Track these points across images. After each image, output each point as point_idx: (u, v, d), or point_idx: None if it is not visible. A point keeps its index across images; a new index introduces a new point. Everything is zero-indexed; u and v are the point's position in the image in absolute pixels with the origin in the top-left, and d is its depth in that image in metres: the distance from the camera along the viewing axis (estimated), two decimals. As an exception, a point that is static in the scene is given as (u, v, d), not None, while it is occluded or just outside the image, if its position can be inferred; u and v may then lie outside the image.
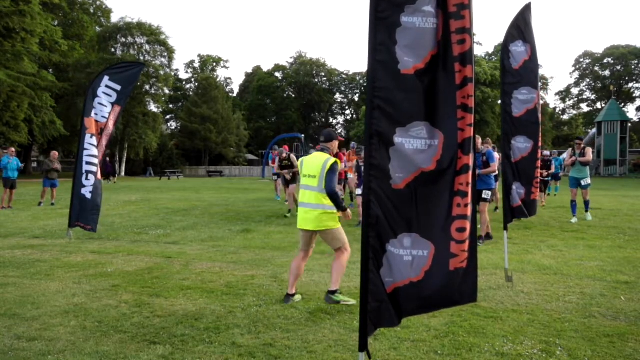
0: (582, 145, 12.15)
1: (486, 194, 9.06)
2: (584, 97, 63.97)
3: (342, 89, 72.51)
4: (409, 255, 2.97)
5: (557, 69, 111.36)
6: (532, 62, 6.33)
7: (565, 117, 66.00)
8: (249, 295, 5.56)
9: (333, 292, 5.10)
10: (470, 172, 2.93)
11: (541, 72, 63.60)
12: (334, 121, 74.74)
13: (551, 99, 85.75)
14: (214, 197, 19.77)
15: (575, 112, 64.99)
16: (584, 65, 62.95)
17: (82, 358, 3.85)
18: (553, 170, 16.90)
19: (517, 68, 6.28)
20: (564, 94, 65.14)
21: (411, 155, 2.88)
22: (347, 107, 73.02)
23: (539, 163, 6.55)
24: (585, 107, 63.52)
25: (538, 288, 5.77)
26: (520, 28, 6.33)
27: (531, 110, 6.35)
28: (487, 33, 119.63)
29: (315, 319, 4.73)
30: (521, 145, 6.32)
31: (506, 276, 6.00)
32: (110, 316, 4.82)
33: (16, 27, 33.52)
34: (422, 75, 2.83)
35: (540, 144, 6.51)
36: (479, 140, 9.23)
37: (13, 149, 16.17)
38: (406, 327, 4.43)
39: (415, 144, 2.88)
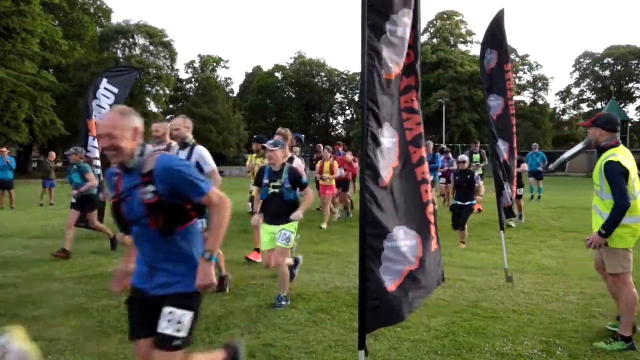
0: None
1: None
2: (584, 97, 63.91)
3: (342, 89, 72.40)
4: (404, 245, 3.18)
5: (557, 69, 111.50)
6: (498, 69, 6.44)
7: (566, 117, 65.98)
8: (249, 295, 5.56)
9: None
10: (427, 162, 3.47)
11: (541, 72, 63.70)
12: (334, 121, 74.71)
13: (551, 99, 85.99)
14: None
15: (575, 112, 64.94)
16: (584, 65, 62.89)
17: (83, 358, 3.86)
18: (526, 168, 13.01)
19: (488, 73, 6.43)
20: (564, 94, 65.06)
21: (387, 153, 3.18)
22: (347, 107, 72.95)
23: (516, 163, 6.82)
24: (585, 107, 63.41)
25: (538, 288, 5.78)
26: (493, 34, 6.40)
27: (500, 115, 6.47)
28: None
29: (315, 319, 4.73)
30: (502, 146, 6.42)
31: (506, 276, 6.01)
32: (110, 316, 4.83)
33: (16, 27, 33.49)
34: (398, 80, 3.24)
35: (514, 145, 6.66)
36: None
37: (5, 149, 15.93)
38: (406, 327, 4.43)
39: (387, 143, 3.21)
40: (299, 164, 6.49)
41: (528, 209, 14.11)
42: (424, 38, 60.58)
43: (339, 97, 73.30)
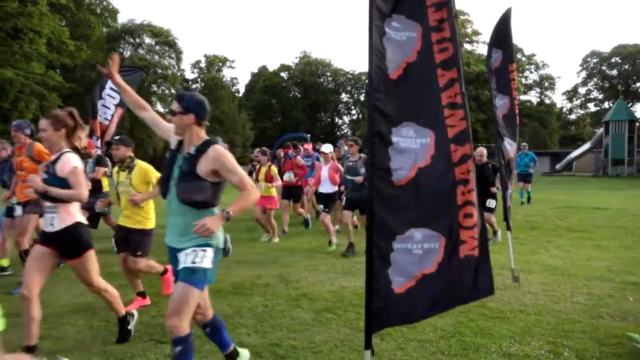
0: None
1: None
2: (592, 96, 63.51)
3: (348, 88, 72.40)
4: (419, 248, 3.06)
5: (564, 69, 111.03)
6: (503, 69, 6.42)
7: (572, 116, 65.64)
8: (255, 295, 5.57)
9: None
10: (470, 161, 3.19)
11: (547, 71, 63.42)
12: (340, 121, 74.68)
13: (558, 99, 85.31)
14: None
15: (582, 111, 64.61)
16: (591, 65, 62.51)
17: (90, 357, 3.87)
18: (515, 170, 11.11)
19: (494, 72, 6.43)
20: (571, 94, 64.69)
21: (406, 153, 3.09)
22: (352, 107, 72.92)
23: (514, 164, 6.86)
24: (592, 107, 63.07)
25: (545, 288, 5.75)
26: (499, 33, 6.39)
27: (505, 115, 6.46)
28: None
29: (322, 319, 4.73)
30: (509, 146, 6.42)
31: (513, 276, 5.98)
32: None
33: (24, 27, 33.72)
34: (402, 80, 3.11)
35: (523, 148, 6.70)
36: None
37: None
38: (412, 327, 4.42)
39: (407, 143, 3.10)
40: None
41: (534, 209, 14.06)
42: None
43: (344, 97, 73.26)
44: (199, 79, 62.82)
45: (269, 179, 8.97)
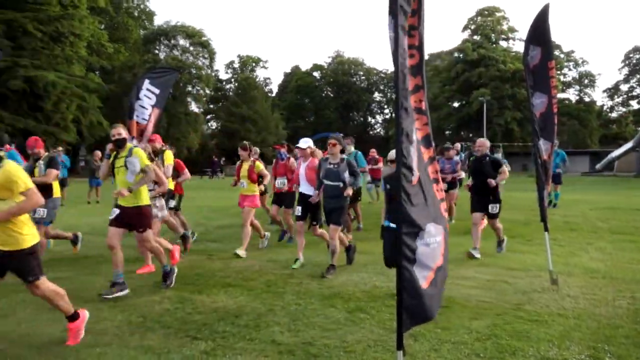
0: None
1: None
2: (634, 93, 61.22)
3: (381, 87, 72.10)
4: (434, 242, 3.26)
5: (605, 66, 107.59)
6: (542, 66, 6.24)
7: (614, 114, 63.52)
8: (288, 293, 5.60)
9: None
10: (436, 162, 3.51)
11: (588, 68, 61.67)
12: (372, 120, 74.42)
13: (598, 96, 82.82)
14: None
15: (624, 109, 62.43)
16: (634, 61, 60.28)
17: (128, 351, 3.96)
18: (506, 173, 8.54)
19: (531, 70, 6.25)
20: (612, 91, 62.57)
21: (417, 150, 3.26)
22: (385, 106, 72.56)
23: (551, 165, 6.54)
24: (635, 104, 60.87)
25: (585, 292, 5.58)
26: (537, 30, 6.22)
27: (543, 113, 6.28)
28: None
29: (354, 318, 4.72)
30: (544, 146, 6.25)
31: (551, 279, 5.83)
32: (154, 311, 4.95)
33: (65, 31, 34.82)
34: (404, 80, 3.26)
35: (554, 146, 6.47)
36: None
37: (60, 148, 16.81)
38: (446, 328, 4.37)
39: (415, 141, 3.28)
40: None
41: (573, 209, 13.68)
42: (464, 35, 59.65)
43: (377, 96, 73.01)
44: (232, 79, 63.58)
45: (253, 176, 7.90)
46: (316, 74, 70.67)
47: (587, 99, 61.23)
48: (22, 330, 4.45)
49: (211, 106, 61.48)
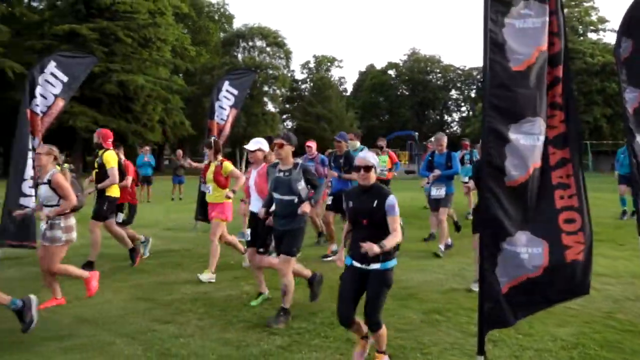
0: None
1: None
2: None
3: (458, 85, 70.19)
4: (525, 252, 3.04)
5: None
6: (635, 59, 5.73)
7: None
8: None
9: None
10: (570, 165, 3.09)
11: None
12: (449, 118, 72.60)
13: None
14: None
15: None
16: None
17: (209, 343, 4.13)
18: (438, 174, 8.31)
19: (622, 63, 5.78)
20: None
21: (525, 151, 3.01)
22: (462, 104, 70.57)
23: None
24: None
25: (686, 302, 5.14)
26: (631, 20, 5.74)
27: (637, 109, 5.77)
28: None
29: (431, 320, 4.63)
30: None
31: (646, 287, 5.42)
32: (232, 305, 5.12)
33: (152, 37, 36.90)
34: (526, 73, 3.00)
35: None
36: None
37: (147, 148, 17.88)
38: (529, 334, 4.18)
39: (528, 140, 3.01)
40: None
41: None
42: (548, 28, 56.74)
43: (454, 93, 71.15)
44: (308, 79, 64.36)
45: (220, 179, 6.32)
46: (391, 72, 69.97)
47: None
48: (112, 318, 4.76)
49: (287, 106, 62.59)
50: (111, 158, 6.78)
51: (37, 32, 34.60)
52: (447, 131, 67.10)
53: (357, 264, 3.63)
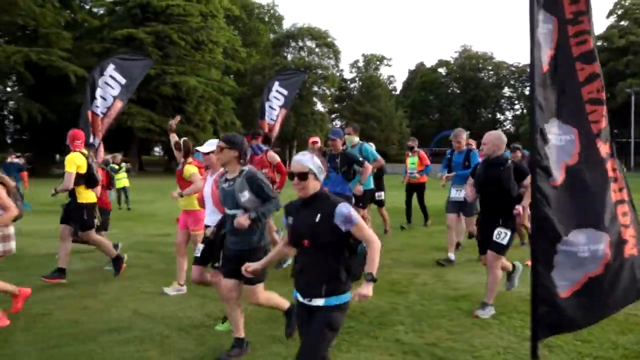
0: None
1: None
2: None
3: (511, 82, 68.29)
4: (585, 251, 2.98)
5: None
6: None
7: None
8: (412, 293, 5.54)
9: None
10: (614, 159, 3.16)
11: None
12: (502, 117, 70.75)
13: None
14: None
15: None
16: None
17: (261, 339, 4.19)
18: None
19: None
20: None
21: (557, 150, 3.03)
22: (516, 102, 68.59)
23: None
24: None
25: None
26: None
27: None
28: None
29: (482, 323, 4.53)
30: None
31: None
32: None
33: (205, 39, 37.89)
34: (549, 75, 3.06)
35: None
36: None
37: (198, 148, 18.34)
38: (587, 341, 4.01)
39: (554, 140, 3.04)
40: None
41: None
42: (609, 21, 54.39)
43: (507, 91, 69.36)
44: (356, 79, 64.29)
45: (182, 183, 5.71)
46: (441, 70, 68.93)
47: None
48: (167, 312, 4.91)
49: (336, 105, 62.76)
50: (70, 161, 5.98)
51: (97, 37, 36.27)
52: (500, 130, 65.45)
53: (300, 298, 2.80)
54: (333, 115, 64.19)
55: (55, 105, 31.73)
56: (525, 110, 64.00)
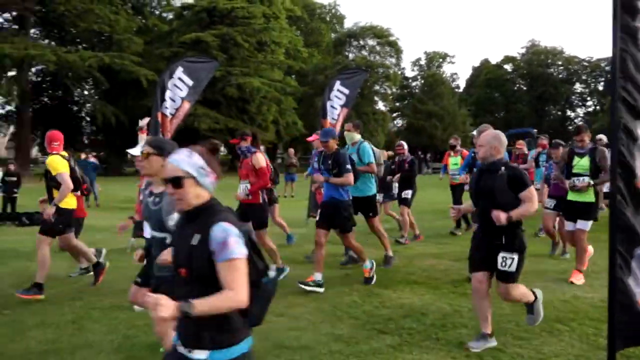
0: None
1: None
2: None
3: (583, 77, 64.91)
4: None
5: None
6: None
7: None
8: (476, 296, 5.39)
9: None
10: None
11: None
12: (572, 114, 67.41)
13: None
14: (438, 197, 19.64)
15: None
16: None
17: (320, 337, 4.23)
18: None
19: None
20: None
21: None
22: (588, 98, 65.13)
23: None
24: None
25: None
26: None
27: None
28: None
29: (551, 329, 4.35)
30: None
31: None
32: (343, 302, 5.19)
33: (267, 40, 38.60)
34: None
35: None
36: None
37: (262, 148, 18.80)
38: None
39: None
40: None
41: None
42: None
43: (578, 87, 66.00)
44: (418, 77, 63.31)
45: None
46: (507, 66, 66.55)
47: None
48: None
49: (397, 104, 62.09)
50: (56, 163, 5.53)
51: (166, 41, 37.71)
52: (570, 127, 62.33)
53: (180, 348, 2.06)
54: (394, 114, 63.54)
55: (127, 108, 33.32)
56: (598, 107, 60.72)
